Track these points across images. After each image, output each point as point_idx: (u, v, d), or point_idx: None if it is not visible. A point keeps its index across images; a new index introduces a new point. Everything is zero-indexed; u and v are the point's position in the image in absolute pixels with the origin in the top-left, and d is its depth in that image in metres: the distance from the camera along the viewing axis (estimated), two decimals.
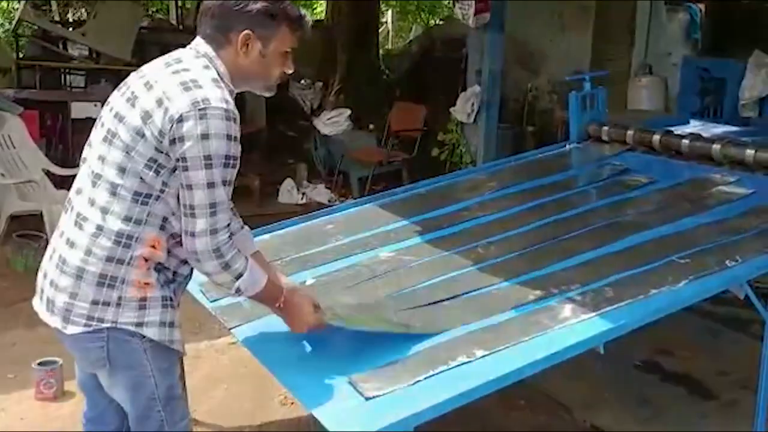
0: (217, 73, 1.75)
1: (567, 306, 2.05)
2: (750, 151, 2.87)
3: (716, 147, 2.99)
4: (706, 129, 3.71)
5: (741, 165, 2.93)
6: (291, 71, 1.87)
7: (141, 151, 1.68)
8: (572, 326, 1.95)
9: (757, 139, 3.14)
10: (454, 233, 2.70)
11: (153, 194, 1.71)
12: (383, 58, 10.46)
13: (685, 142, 3.11)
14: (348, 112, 7.45)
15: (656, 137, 3.20)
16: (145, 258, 1.73)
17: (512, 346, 1.86)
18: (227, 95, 1.71)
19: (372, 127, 7.54)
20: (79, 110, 6.16)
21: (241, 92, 1.88)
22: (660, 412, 3.11)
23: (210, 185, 1.66)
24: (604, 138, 3.44)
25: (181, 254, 1.78)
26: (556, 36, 7.43)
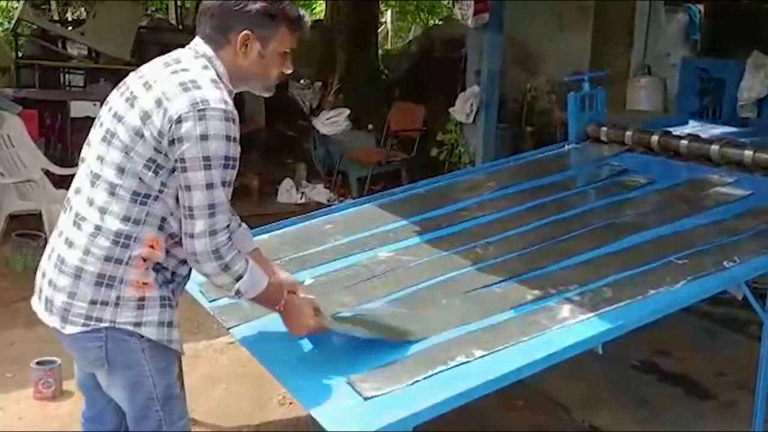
0: (216, 74, 1.75)
1: (565, 306, 2.05)
2: (748, 152, 2.88)
3: (715, 148, 2.99)
4: (705, 130, 3.72)
5: (739, 166, 2.94)
6: (290, 71, 1.87)
7: (140, 152, 1.68)
8: (571, 326, 1.95)
9: (756, 140, 3.15)
10: (453, 233, 2.70)
11: (152, 194, 1.71)
12: (382, 58, 10.45)
13: (684, 143, 3.11)
14: (347, 112, 7.45)
15: (655, 138, 3.21)
16: (144, 258, 1.73)
17: (511, 347, 1.86)
18: (226, 96, 1.71)
19: (371, 127, 7.54)
20: (78, 109, 6.16)
21: (240, 92, 1.88)
22: (658, 413, 3.11)
23: (209, 186, 1.66)
24: (603, 138, 3.45)
25: (180, 254, 1.78)
26: (555, 36, 7.44)
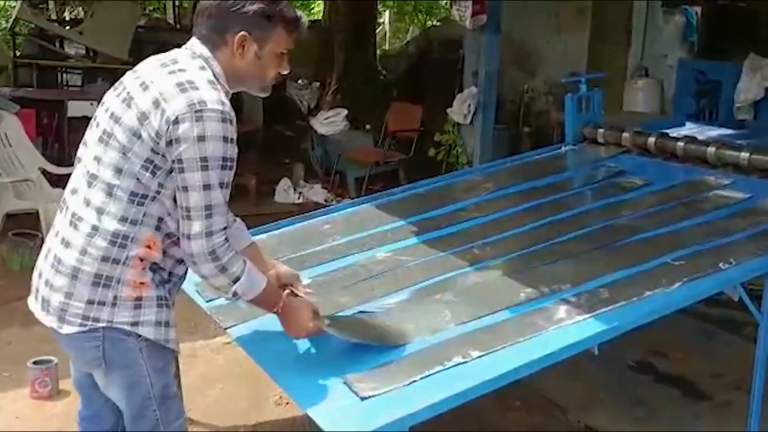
0: (213, 75, 1.75)
1: (562, 307, 2.05)
2: (745, 154, 2.89)
3: (711, 150, 3.00)
4: (702, 131, 3.73)
5: (736, 168, 2.95)
6: (286, 72, 1.87)
7: (137, 152, 1.68)
8: (567, 327, 1.95)
9: (752, 142, 3.16)
10: (451, 234, 2.70)
11: (149, 195, 1.71)
12: (380, 59, 10.46)
13: (680, 145, 3.12)
14: (345, 112, 7.45)
15: (651, 139, 3.21)
16: (141, 258, 1.73)
17: (508, 347, 1.87)
18: (223, 97, 1.71)
19: (369, 128, 7.54)
20: (76, 109, 6.16)
21: (238, 92, 1.88)
22: (654, 413, 3.12)
23: (206, 187, 1.66)
24: (600, 140, 3.45)
25: (177, 254, 1.78)
26: (553, 37, 7.45)
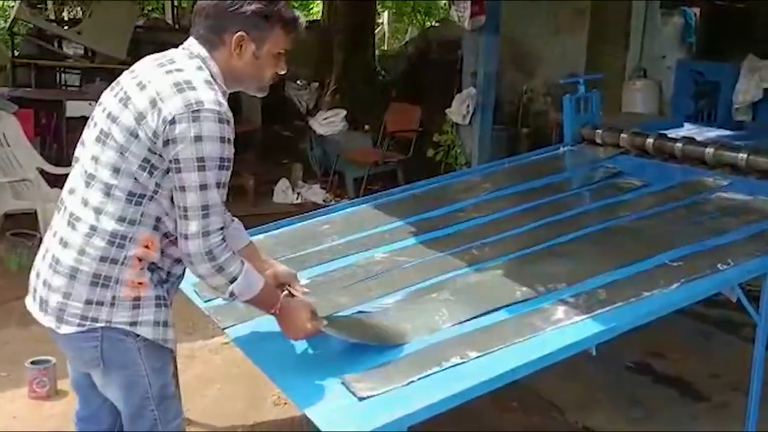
0: (211, 75, 1.74)
1: (560, 308, 2.05)
2: (743, 155, 2.89)
3: (709, 150, 3.01)
4: (700, 132, 3.74)
5: (734, 169, 2.95)
6: (284, 72, 1.87)
7: (135, 152, 1.68)
8: (565, 328, 1.95)
9: (750, 143, 3.16)
10: (449, 234, 2.70)
11: (147, 195, 1.71)
12: (379, 59, 10.46)
13: (679, 146, 3.12)
14: (344, 113, 7.45)
15: (650, 140, 3.22)
16: (139, 258, 1.73)
17: (505, 348, 1.87)
18: (220, 97, 1.71)
19: (368, 128, 7.54)
20: (74, 109, 6.16)
21: (236, 92, 1.88)
22: (652, 414, 3.12)
23: (203, 187, 1.66)
24: (598, 141, 3.46)
25: (175, 253, 1.78)
26: (551, 38, 7.45)
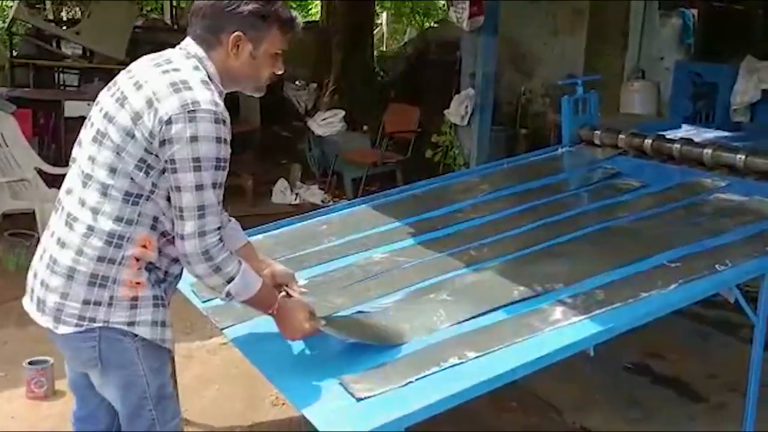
0: (207, 75, 1.74)
1: (558, 308, 2.05)
2: (740, 156, 2.90)
3: (707, 151, 3.01)
4: (698, 133, 3.75)
5: (732, 170, 2.95)
6: (281, 72, 1.87)
7: (131, 152, 1.68)
8: (563, 328, 1.95)
9: (748, 144, 3.17)
10: (448, 235, 2.71)
11: (143, 194, 1.71)
12: (378, 60, 10.47)
13: (677, 147, 3.13)
14: (342, 113, 7.46)
15: (648, 141, 3.22)
16: (137, 258, 1.73)
17: (503, 348, 1.87)
18: (217, 97, 1.70)
19: (366, 129, 7.54)
20: (72, 109, 6.16)
21: (235, 92, 1.88)
22: (649, 414, 3.12)
23: (198, 188, 1.66)
24: (596, 142, 3.46)
25: (172, 253, 1.78)
26: (550, 39, 7.47)
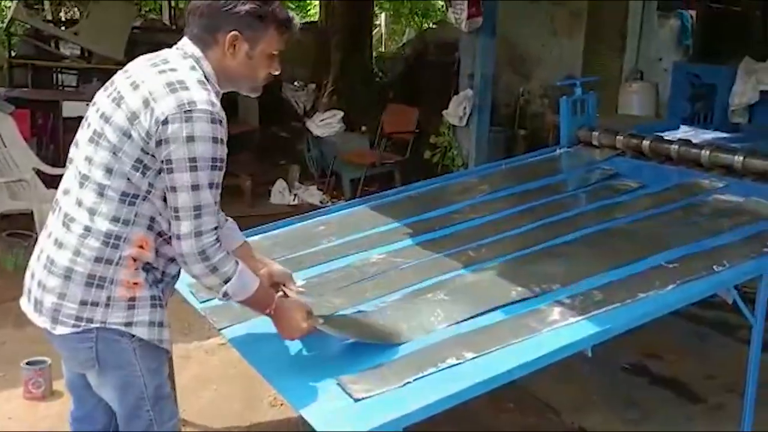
0: (204, 75, 1.74)
1: (555, 309, 2.05)
2: (739, 158, 2.90)
3: (705, 153, 3.01)
4: (696, 135, 3.75)
5: (729, 171, 2.96)
6: (277, 73, 1.87)
7: (128, 152, 1.68)
8: (560, 329, 1.95)
9: (746, 146, 3.17)
10: (446, 235, 2.71)
11: (140, 195, 1.71)
12: (377, 61, 10.46)
13: (675, 148, 3.13)
14: (341, 114, 7.46)
15: (646, 142, 3.22)
16: (134, 258, 1.73)
17: (501, 349, 1.87)
18: (213, 97, 1.70)
19: (365, 129, 7.54)
20: (71, 109, 6.15)
21: (234, 93, 1.88)
22: (647, 415, 3.13)
23: (195, 188, 1.66)
24: (595, 143, 3.46)
25: (169, 253, 1.78)
26: (548, 41, 7.47)
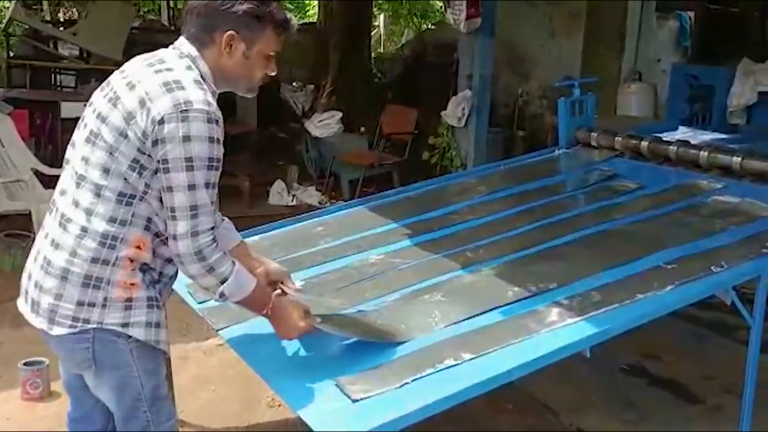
0: (200, 74, 1.74)
1: (554, 310, 2.05)
2: (737, 159, 2.90)
3: (703, 154, 3.01)
4: (695, 136, 3.75)
5: (728, 172, 2.96)
6: (274, 74, 1.86)
7: (124, 152, 1.68)
8: (559, 330, 1.95)
9: (745, 147, 3.18)
10: (444, 236, 2.71)
11: (137, 195, 1.71)
12: (375, 62, 10.46)
13: (673, 149, 3.13)
14: (339, 115, 7.46)
15: (644, 143, 3.22)
16: (131, 259, 1.73)
17: (499, 350, 1.87)
18: (210, 97, 1.70)
19: (363, 130, 7.55)
20: (69, 110, 6.13)
21: (232, 94, 1.88)
22: (645, 416, 3.12)
23: (191, 187, 1.66)
24: (593, 143, 3.46)
25: (166, 253, 1.78)
26: (547, 41, 7.47)
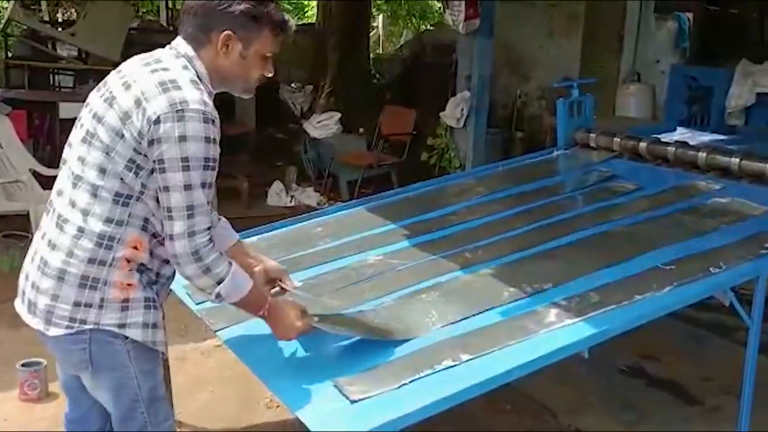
0: (197, 74, 1.74)
1: (552, 310, 2.05)
2: (735, 159, 2.90)
3: (702, 155, 3.01)
4: (693, 137, 3.75)
5: (726, 173, 2.96)
6: (270, 74, 1.86)
7: (120, 152, 1.68)
8: (557, 331, 1.95)
9: (743, 148, 3.17)
10: (443, 237, 2.71)
11: (133, 195, 1.70)
12: (374, 63, 10.46)
13: (672, 150, 3.13)
14: (338, 116, 7.46)
15: (643, 144, 3.22)
16: (128, 259, 1.73)
17: (498, 350, 1.87)
18: (206, 97, 1.70)
19: (362, 131, 7.54)
20: (68, 110, 6.13)
21: (230, 94, 1.88)
22: (644, 417, 3.12)
23: (187, 187, 1.65)
24: (592, 144, 3.46)
25: (163, 254, 1.77)
26: (546, 42, 7.48)
